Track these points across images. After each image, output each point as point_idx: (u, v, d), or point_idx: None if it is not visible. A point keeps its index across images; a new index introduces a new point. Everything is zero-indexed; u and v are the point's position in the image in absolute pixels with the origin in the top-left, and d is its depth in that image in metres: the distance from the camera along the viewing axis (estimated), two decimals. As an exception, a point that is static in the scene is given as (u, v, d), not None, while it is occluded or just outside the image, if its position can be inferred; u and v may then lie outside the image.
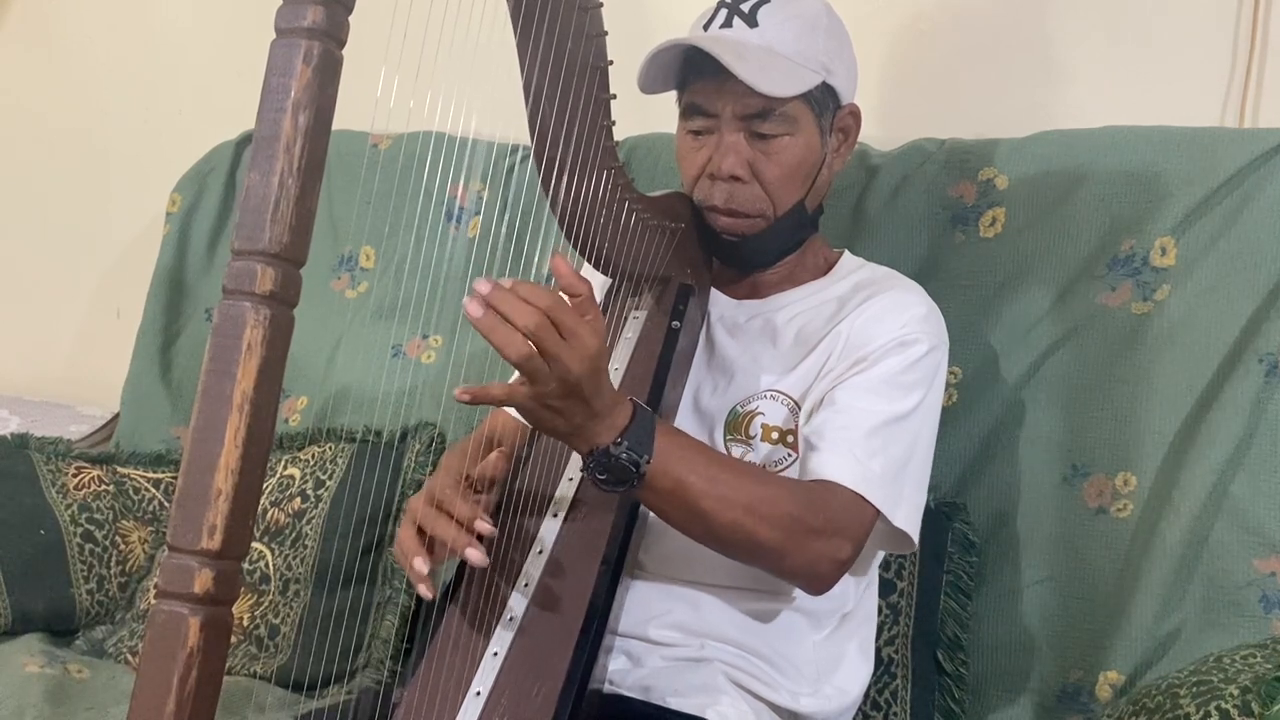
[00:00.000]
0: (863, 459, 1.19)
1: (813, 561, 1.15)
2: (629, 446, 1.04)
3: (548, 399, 0.99)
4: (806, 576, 1.18)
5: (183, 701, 0.71)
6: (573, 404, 1.00)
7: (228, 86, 1.84)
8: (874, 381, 1.24)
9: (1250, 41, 1.64)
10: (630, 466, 1.04)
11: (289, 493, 1.84)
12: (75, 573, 1.84)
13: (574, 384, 0.98)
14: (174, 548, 0.72)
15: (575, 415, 1.01)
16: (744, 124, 1.28)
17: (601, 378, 1.01)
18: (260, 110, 0.74)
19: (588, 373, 0.98)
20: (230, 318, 0.73)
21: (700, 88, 1.29)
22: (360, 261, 2.08)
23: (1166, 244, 1.51)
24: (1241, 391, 1.41)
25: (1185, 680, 1.13)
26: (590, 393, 1.00)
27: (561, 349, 0.96)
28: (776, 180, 1.30)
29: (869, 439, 1.20)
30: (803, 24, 1.29)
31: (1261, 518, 1.37)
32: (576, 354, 0.97)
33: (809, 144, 1.31)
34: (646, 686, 1.21)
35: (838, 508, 1.17)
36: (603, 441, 1.04)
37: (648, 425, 1.06)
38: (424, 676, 1.06)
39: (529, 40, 1.07)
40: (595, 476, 1.05)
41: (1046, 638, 1.49)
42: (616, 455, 1.04)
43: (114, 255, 2.55)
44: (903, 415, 1.23)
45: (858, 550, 1.19)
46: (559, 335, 0.96)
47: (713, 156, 1.30)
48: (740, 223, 1.32)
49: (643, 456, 1.05)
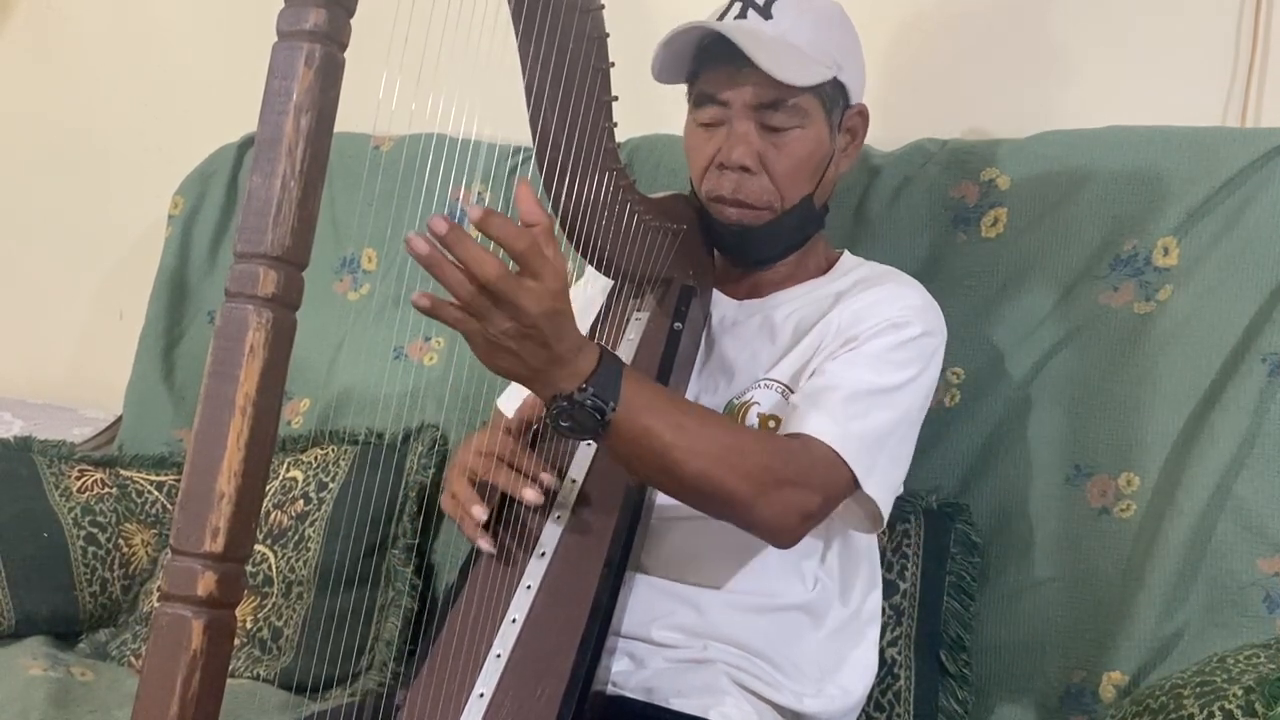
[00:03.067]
0: (841, 420, 1.18)
1: (780, 514, 1.14)
2: (594, 393, 1.01)
3: (502, 338, 0.95)
4: (773, 529, 1.16)
5: (186, 704, 0.71)
6: (530, 346, 0.96)
7: (229, 89, 1.84)
8: (863, 356, 1.24)
9: (1252, 41, 1.64)
10: (595, 414, 1.01)
11: (292, 495, 1.84)
12: (78, 575, 1.84)
13: (530, 324, 0.94)
14: (177, 550, 0.72)
15: (533, 358, 0.98)
16: (755, 115, 1.28)
17: (562, 320, 0.97)
18: (262, 113, 0.74)
19: (546, 313, 0.94)
20: (233, 320, 0.73)
21: (712, 76, 1.29)
22: (362, 264, 2.08)
23: (1169, 244, 1.51)
24: (1244, 391, 1.41)
25: (1189, 680, 1.13)
26: (551, 335, 0.96)
27: (517, 291, 0.92)
28: (786, 173, 1.30)
29: (850, 403, 1.20)
30: (817, 17, 1.29)
31: (1265, 518, 1.37)
32: (533, 294, 0.93)
33: (819, 138, 1.31)
34: (649, 688, 1.21)
35: (811, 460, 1.16)
36: (566, 387, 1.01)
37: (614, 372, 1.03)
38: (427, 678, 1.06)
39: (530, 42, 1.08)
40: (559, 424, 1.02)
41: (1049, 638, 1.48)
42: (580, 401, 1.01)
43: (116, 258, 2.56)
44: (888, 388, 1.23)
45: (827, 505, 1.18)
46: (515, 277, 0.92)
47: (722, 147, 1.30)
48: (747, 214, 1.32)
49: (608, 404, 1.02)
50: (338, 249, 2.09)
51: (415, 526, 1.78)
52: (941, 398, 1.59)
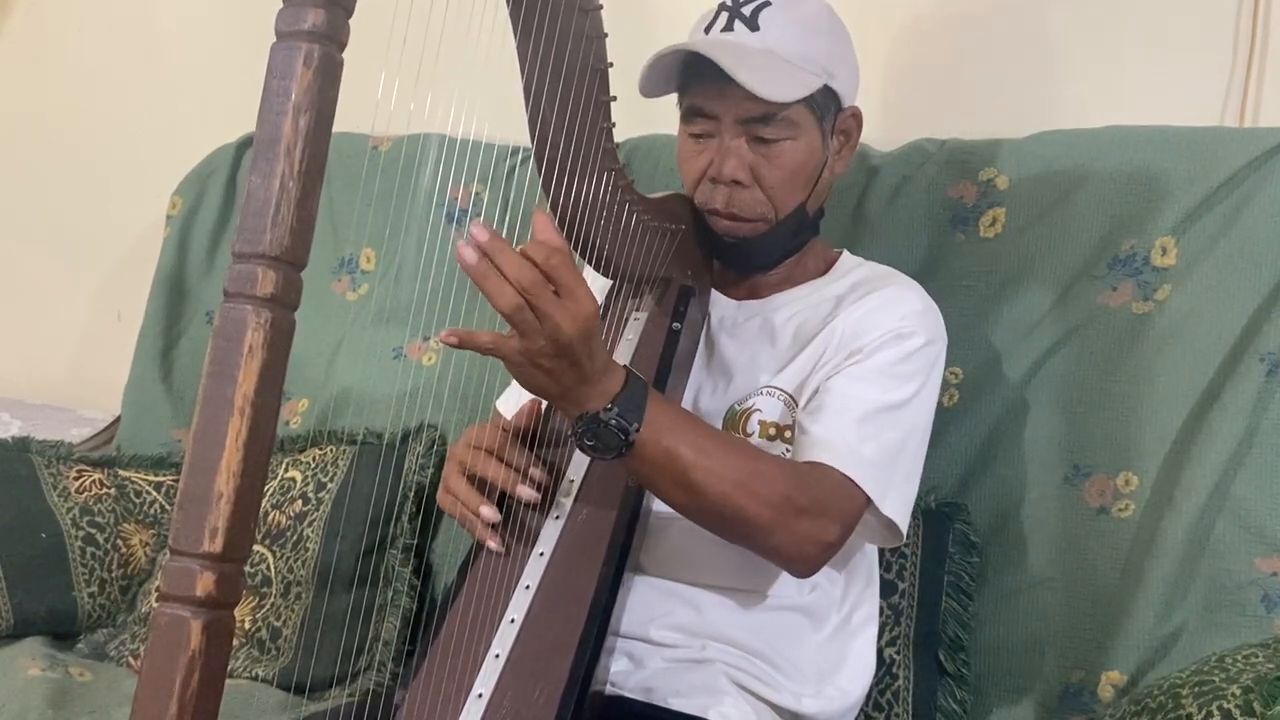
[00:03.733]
0: (854, 444, 1.19)
1: (799, 542, 1.14)
2: (619, 413, 1.03)
3: (538, 357, 0.98)
4: (791, 557, 1.17)
5: (184, 704, 0.71)
6: (563, 365, 0.99)
7: (228, 89, 1.84)
8: (869, 371, 1.24)
9: (1250, 41, 1.64)
10: (619, 434, 1.04)
11: (290, 495, 1.84)
12: (77, 576, 1.84)
13: (565, 344, 0.97)
14: (176, 551, 0.72)
15: (565, 377, 1.00)
16: (745, 128, 1.28)
17: (594, 341, 1.00)
18: (261, 113, 0.74)
19: (580, 334, 0.97)
20: (231, 321, 0.73)
21: (701, 92, 1.29)
22: (361, 264, 2.08)
23: (1167, 244, 1.51)
24: (1243, 391, 1.41)
25: (1187, 680, 1.13)
26: (582, 355, 0.99)
27: (555, 307, 0.95)
28: (778, 184, 1.30)
29: (861, 425, 1.20)
30: (804, 27, 1.28)
31: (1263, 517, 1.37)
32: (569, 313, 0.96)
33: (810, 148, 1.31)
34: (648, 688, 1.21)
35: (827, 489, 1.17)
36: (593, 407, 1.03)
37: (639, 393, 1.05)
38: (425, 678, 1.06)
39: (529, 42, 1.08)
40: (584, 443, 1.05)
41: (1048, 638, 1.49)
42: (606, 421, 1.03)
43: (115, 258, 2.55)
44: (897, 405, 1.23)
45: (845, 534, 1.18)
46: (554, 293, 0.95)
47: (714, 160, 1.30)
48: (741, 226, 1.32)
49: (632, 424, 1.04)
50: (336, 249, 2.09)
51: (414, 526, 1.78)
52: (940, 398, 1.57)
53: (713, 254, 1.38)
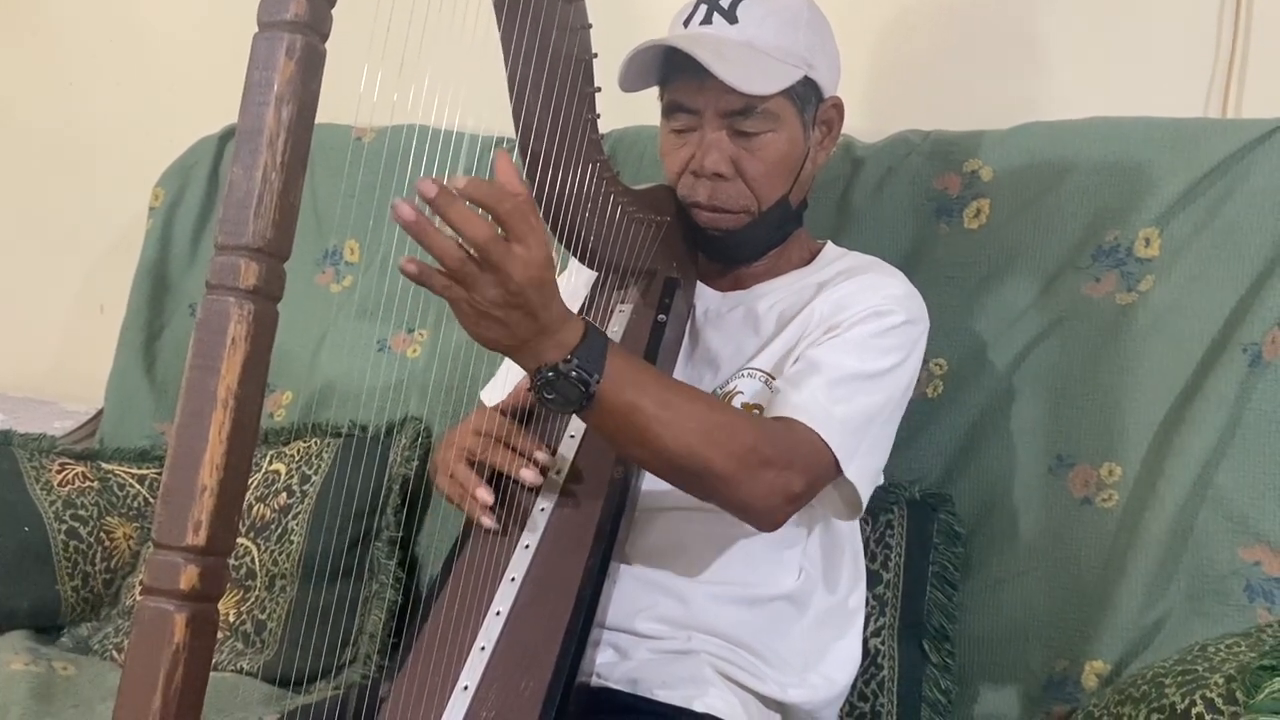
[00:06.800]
0: (825, 403, 1.19)
1: (765, 494, 1.13)
2: (579, 364, 1.01)
3: (488, 306, 0.95)
4: (758, 510, 1.16)
5: (169, 698, 0.70)
6: (517, 315, 0.96)
7: (210, 80, 1.83)
8: (847, 343, 1.24)
9: (1233, 32, 1.64)
10: (579, 385, 1.01)
11: (274, 488, 1.83)
12: (60, 569, 1.84)
13: (516, 292, 0.94)
14: (159, 544, 0.72)
15: (520, 327, 0.98)
16: (726, 121, 1.28)
17: (549, 289, 0.97)
18: (243, 104, 0.74)
19: (532, 282, 0.94)
20: (214, 313, 0.73)
21: (681, 86, 1.29)
22: (345, 255, 2.07)
23: (1150, 235, 1.52)
24: (1225, 381, 1.42)
25: (1170, 669, 1.14)
26: (537, 305, 0.96)
27: (505, 256, 0.92)
28: (760, 177, 1.30)
29: (834, 387, 1.20)
30: (783, 19, 1.28)
31: (1245, 507, 1.38)
32: (520, 261, 0.93)
33: (792, 139, 1.31)
34: (634, 679, 1.21)
35: (794, 442, 1.16)
36: (551, 358, 1.00)
37: (599, 345, 1.03)
38: (411, 671, 1.06)
39: (513, 33, 1.07)
40: (543, 395, 1.02)
41: (1032, 627, 1.49)
42: (565, 373, 1.00)
43: (97, 250, 2.54)
44: (872, 374, 1.23)
45: (810, 489, 1.18)
46: (504, 242, 0.92)
47: (696, 154, 1.30)
48: (724, 218, 1.32)
49: (593, 376, 1.02)
50: (320, 241, 2.08)
51: (399, 519, 1.78)
52: (924, 388, 1.60)
53: (697, 246, 1.37)
